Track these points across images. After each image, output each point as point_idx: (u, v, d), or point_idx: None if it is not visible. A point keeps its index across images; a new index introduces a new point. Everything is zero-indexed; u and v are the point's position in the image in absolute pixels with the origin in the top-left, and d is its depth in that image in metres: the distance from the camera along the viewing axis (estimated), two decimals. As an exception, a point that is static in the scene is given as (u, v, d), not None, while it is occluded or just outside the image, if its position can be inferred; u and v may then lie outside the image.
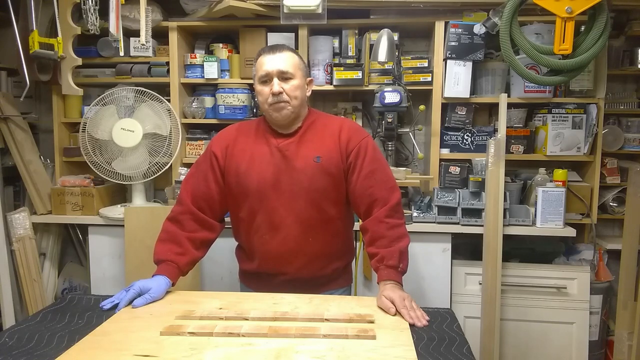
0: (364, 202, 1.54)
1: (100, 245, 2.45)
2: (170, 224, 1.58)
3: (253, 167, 1.54)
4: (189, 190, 1.60)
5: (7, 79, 2.64)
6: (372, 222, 1.52)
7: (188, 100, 2.60)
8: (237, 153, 1.58)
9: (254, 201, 1.55)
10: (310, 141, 1.55)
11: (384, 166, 1.59)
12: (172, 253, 1.52)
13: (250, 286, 1.67)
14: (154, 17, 2.37)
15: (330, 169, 1.53)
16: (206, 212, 1.59)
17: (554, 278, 2.27)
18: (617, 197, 2.52)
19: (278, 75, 1.50)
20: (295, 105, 1.52)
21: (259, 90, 1.54)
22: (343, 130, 1.57)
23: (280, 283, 1.57)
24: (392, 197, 1.53)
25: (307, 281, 1.58)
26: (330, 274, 1.63)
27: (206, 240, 1.60)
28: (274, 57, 1.52)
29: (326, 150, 1.54)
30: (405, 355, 1.09)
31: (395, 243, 1.48)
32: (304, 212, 1.53)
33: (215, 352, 1.10)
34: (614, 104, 2.55)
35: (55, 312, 1.38)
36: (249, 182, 1.54)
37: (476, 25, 2.24)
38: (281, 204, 1.53)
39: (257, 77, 1.55)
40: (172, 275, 1.49)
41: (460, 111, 2.43)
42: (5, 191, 2.62)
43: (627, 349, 2.21)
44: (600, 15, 1.99)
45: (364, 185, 1.53)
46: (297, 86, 1.52)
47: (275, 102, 1.50)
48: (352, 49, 2.48)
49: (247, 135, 1.61)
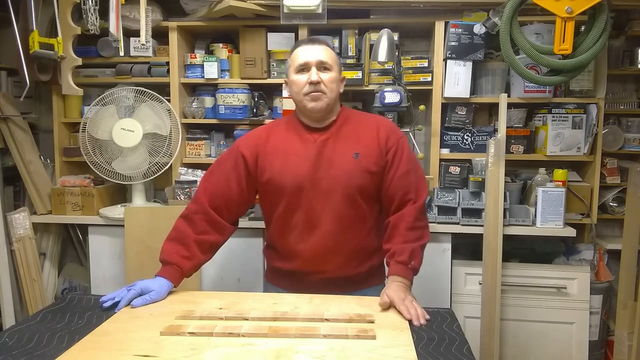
0: (395, 201, 1.53)
1: (100, 245, 2.45)
2: (182, 222, 1.55)
3: (288, 164, 1.52)
4: (208, 188, 1.57)
5: (7, 79, 2.64)
6: (395, 218, 1.51)
7: (188, 100, 2.60)
8: (270, 151, 1.55)
9: (291, 199, 1.52)
10: (347, 136, 1.54)
11: (418, 166, 1.60)
12: (178, 256, 1.50)
13: (282, 286, 1.62)
14: (154, 17, 2.37)
15: (369, 166, 1.51)
16: (222, 212, 1.56)
17: (554, 278, 2.27)
18: (617, 197, 2.52)
19: (317, 65, 1.49)
20: (331, 98, 1.51)
21: (294, 80, 1.52)
22: (381, 128, 1.56)
23: (316, 282, 1.55)
24: (421, 197, 1.54)
25: (343, 280, 1.56)
26: (367, 271, 1.61)
27: (215, 243, 1.58)
28: (314, 48, 1.51)
29: (364, 147, 1.52)
30: (405, 355, 1.09)
31: (411, 242, 1.48)
32: (340, 208, 1.51)
33: (215, 352, 1.10)
34: (614, 104, 2.55)
35: (55, 312, 1.38)
36: (284, 179, 1.51)
37: (476, 25, 2.24)
38: (318, 202, 1.50)
39: (292, 67, 1.53)
40: (175, 279, 1.48)
41: (460, 111, 2.43)
42: (5, 191, 2.62)
43: (627, 349, 2.21)
44: (600, 15, 1.99)
45: (399, 185, 1.52)
46: (334, 79, 1.52)
47: (313, 91, 1.48)
48: (352, 49, 2.48)
49: (278, 133, 1.59)
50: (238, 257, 2.33)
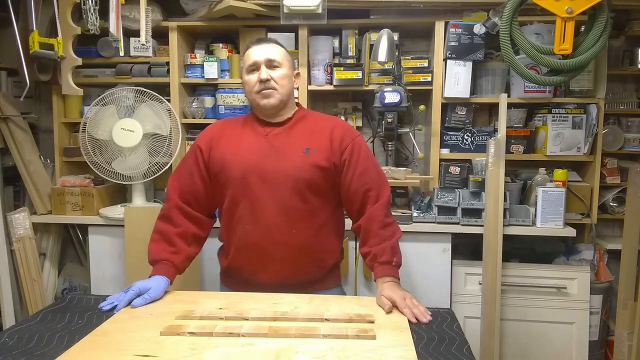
0: (357, 199, 1.55)
1: (100, 245, 2.45)
2: (160, 222, 1.58)
3: (238, 155, 1.54)
4: (176, 186, 1.61)
5: (7, 79, 2.64)
6: (365, 220, 1.53)
7: (188, 100, 2.60)
8: (223, 143, 1.57)
9: (237, 189, 1.52)
10: (300, 133, 1.56)
11: (376, 163, 1.62)
12: (166, 252, 1.52)
13: (233, 287, 1.61)
14: (154, 17, 2.37)
15: (319, 161, 1.52)
16: (193, 206, 1.59)
17: (554, 278, 2.27)
18: (617, 197, 2.52)
19: (266, 63, 1.53)
20: (282, 94, 1.54)
21: (246, 81, 1.56)
22: (336, 128, 1.58)
23: (266, 283, 1.52)
24: (384, 193, 1.56)
25: (295, 281, 1.53)
26: (318, 272, 1.59)
27: (197, 235, 1.59)
28: (262, 47, 1.55)
29: (316, 144, 1.54)
30: (405, 355, 1.09)
31: (386, 240, 1.49)
32: (288, 201, 1.50)
33: (215, 352, 1.10)
34: (614, 104, 2.55)
35: (55, 312, 1.38)
36: (232, 169, 1.52)
37: (476, 25, 2.24)
38: (264, 193, 1.50)
39: (244, 68, 1.57)
40: (169, 274, 1.50)
41: (460, 111, 2.43)
42: (5, 191, 2.62)
43: (627, 349, 2.21)
44: (600, 15, 1.99)
45: (359, 182, 1.54)
46: (285, 75, 1.55)
47: (263, 89, 1.52)
48: (352, 49, 2.48)
49: (233, 127, 1.62)
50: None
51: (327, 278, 1.63)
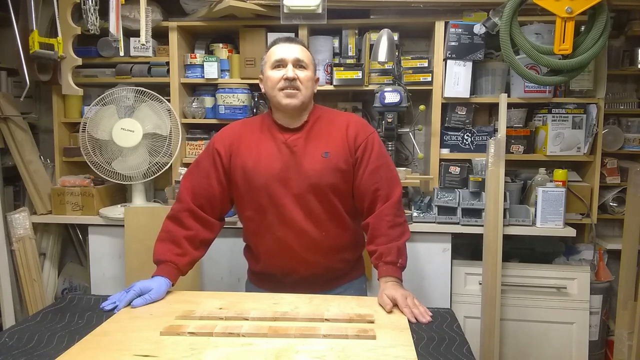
0: (367, 197, 1.55)
1: (100, 245, 2.45)
2: (169, 222, 1.57)
3: (260, 164, 1.53)
4: (189, 187, 1.59)
5: (7, 79, 2.64)
6: (374, 218, 1.52)
7: (188, 100, 2.60)
8: (243, 150, 1.56)
9: (262, 198, 1.53)
10: (317, 136, 1.55)
11: (389, 162, 1.61)
12: (171, 254, 1.51)
13: (264, 287, 1.64)
14: (154, 17, 2.37)
15: (339, 164, 1.52)
16: (206, 210, 1.58)
17: (554, 278, 2.27)
18: (617, 197, 2.52)
19: (294, 62, 1.51)
20: (305, 95, 1.53)
21: (269, 76, 1.53)
22: (350, 125, 1.57)
23: (296, 281, 1.56)
24: (395, 193, 1.55)
25: (323, 277, 1.58)
26: (344, 267, 1.63)
27: (205, 239, 1.59)
28: (291, 46, 1.54)
29: (334, 146, 1.54)
30: (405, 355, 1.09)
31: (394, 240, 1.49)
32: (314, 207, 1.52)
33: (215, 352, 1.10)
34: (614, 104, 2.55)
35: (55, 312, 1.38)
36: (256, 179, 1.52)
37: (476, 25, 2.24)
38: (290, 200, 1.52)
39: (268, 63, 1.55)
40: (172, 276, 1.49)
41: (460, 111, 2.43)
42: (5, 191, 2.62)
43: (627, 349, 2.21)
44: (600, 15, 1.99)
45: (370, 181, 1.54)
46: (310, 77, 1.54)
47: (288, 87, 1.50)
48: (352, 49, 2.48)
49: (251, 131, 1.60)
50: (238, 256, 2.32)
51: (353, 270, 1.67)
